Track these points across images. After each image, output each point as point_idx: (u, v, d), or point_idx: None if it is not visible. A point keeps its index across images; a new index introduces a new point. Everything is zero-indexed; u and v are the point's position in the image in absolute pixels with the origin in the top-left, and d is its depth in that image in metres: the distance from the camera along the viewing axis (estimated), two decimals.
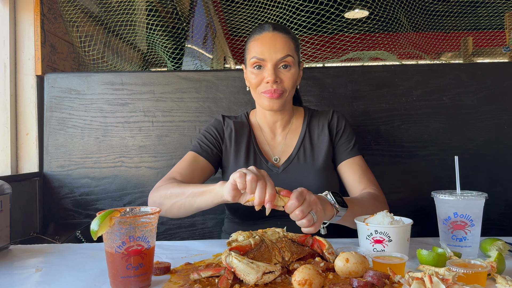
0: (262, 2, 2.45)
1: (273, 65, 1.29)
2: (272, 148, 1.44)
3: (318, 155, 1.39)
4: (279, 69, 1.31)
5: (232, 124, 1.44)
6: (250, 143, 1.43)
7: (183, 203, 1.17)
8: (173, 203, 1.19)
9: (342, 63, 2.72)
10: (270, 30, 1.34)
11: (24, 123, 1.86)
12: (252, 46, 1.35)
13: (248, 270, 0.80)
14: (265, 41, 1.32)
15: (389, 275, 0.80)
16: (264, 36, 1.33)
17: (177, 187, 1.21)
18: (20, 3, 1.85)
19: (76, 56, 2.18)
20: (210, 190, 1.11)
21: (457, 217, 1.02)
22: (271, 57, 1.29)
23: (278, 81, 1.30)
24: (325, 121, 1.44)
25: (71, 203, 1.82)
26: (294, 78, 1.32)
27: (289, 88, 1.32)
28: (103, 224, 0.79)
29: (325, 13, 2.63)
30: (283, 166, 1.39)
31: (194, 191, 1.15)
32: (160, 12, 2.86)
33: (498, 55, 3.63)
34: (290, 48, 1.31)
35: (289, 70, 1.31)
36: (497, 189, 1.74)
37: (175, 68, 2.50)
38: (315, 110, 1.50)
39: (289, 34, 1.35)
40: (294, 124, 1.46)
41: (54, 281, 0.89)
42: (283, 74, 1.31)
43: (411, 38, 3.07)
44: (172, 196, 1.19)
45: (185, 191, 1.18)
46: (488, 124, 1.76)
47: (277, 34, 1.32)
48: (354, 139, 1.42)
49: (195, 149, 1.41)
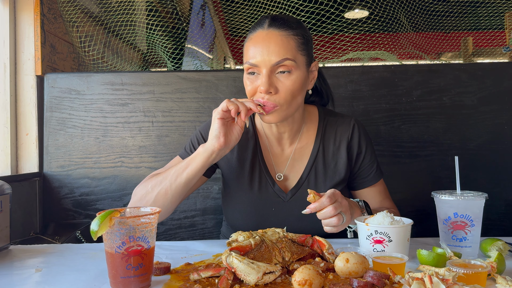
0: (262, 2, 2.45)
1: (268, 72, 1.07)
2: (277, 162, 1.25)
3: (332, 178, 1.23)
4: (276, 75, 1.09)
5: None
6: (255, 157, 1.25)
7: (168, 186, 1.10)
8: (157, 194, 1.10)
9: (342, 63, 2.72)
10: (265, 27, 1.11)
11: (24, 123, 1.86)
12: (246, 48, 1.14)
13: (249, 270, 0.80)
14: (257, 42, 1.10)
15: (389, 275, 0.80)
16: (257, 36, 1.11)
17: (155, 177, 1.14)
18: (20, 3, 1.85)
19: (76, 56, 2.18)
20: (194, 156, 1.09)
21: (457, 217, 1.02)
22: (264, 61, 1.07)
23: (273, 92, 1.08)
24: (344, 138, 1.24)
25: (71, 203, 1.82)
26: (295, 86, 1.09)
27: (287, 100, 1.09)
28: (103, 224, 0.79)
29: (325, 13, 2.63)
30: (291, 192, 1.22)
31: (177, 168, 1.10)
32: (160, 12, 2.86)
33: (498, 55, 3.63)
34: (289, 49, 1.08)
35: (289, 77, 1.09)
36: (497, 189, 1.74)
37: (175, 68, 2.50)
38: (331, 114, 1.29)
39: (289, 30, 1.10)
40: (305, 135, 1.25)
41: (54, 281, 0.89)
42: (281, 82, 1.09)
43: (411, 38, 3.07)
44: (154, 187, 1.11)
45: (166, 175, 1.11)
46: (488, 124, 1.76)
47: (272, 32, 1.09)
48: (376, 160, 1.28)
49: (183, 155, 1.27)
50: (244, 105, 1.07)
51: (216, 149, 1.07)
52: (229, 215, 1.31)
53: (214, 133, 1.07)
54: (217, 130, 1.07)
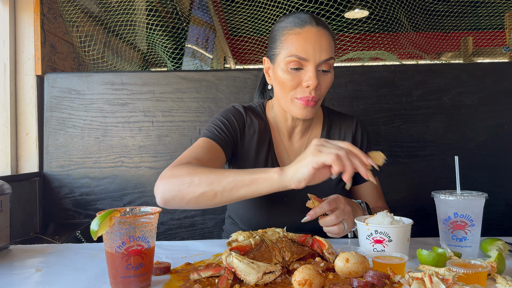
0: (262, 2, 2.45)
1: (315, 67, 1.12)
2: (289, 155, 1.30)
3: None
4: (319, 72, 1.14)
5: (257, 125, 1.27)
6: (269, 150, 1.28)
7: (220, 191, 0.98)
8: (204, 192, 0.99)
9: (342, 63, 2.72)
10: (313, 24, 1.14)
11: (24, 123, 1.86)
12: (290, 40, 1.13)
13: (249, 270, 0.80)
14: (309, 38, 1.12)
15: (389, 275, 0.80)
16: (307, 31, 1.13)
17: (209, 172, 1.01)
18: (20, 3, 1.85)
19: (76, 56, 2.18)
20: (265, 178, 0.96)
21: (457, 217, 1.02)
22: (315, 58, 1.11)
23: (318, 87, 1.13)
24: (348, 132, 1.31)
25: (71, 203, 1.82)
26: (330, 84, 1.17)
27: (324, 95, 1.18)
28: (103, 224, 0.79)
29: (325, 13, 2.63)
30: None
31: (238, 179, 0.98)
32: (160, 12, 2.86)
33: (498, 55, 3.63)
34: (333, 49, 1.15)
35: (328, 74, 1.15)
36: (497, 189, 1.74)
37: (175, 68, 2.50)
38: (334, 113, 1.36)
39: (331, 32, 1.18)
40: (313, 130, 1.32)
41: (54, 281, 0.89)
42: (322, 78, 1.14)
43: (411, 38, 3.07)
44: (202, 183, 0.99)
45: (222, 178, 0.99)
46: (488, 124, 1.76)
47: (321, 31, 1.14)
48: None
49: (211, 136, 1.20)
50: (351, 166, 0.91)
51: (290, 188, 0.96)
52: (240, 205, 1.29)
53: (299, 176, 0.93)
54: (304, 175, 0.93)
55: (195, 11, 3.44)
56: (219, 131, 1.22)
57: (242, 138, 1.27)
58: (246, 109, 1.30)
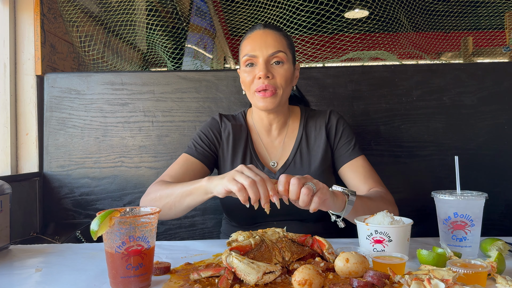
0: (262, 2, 2.45)
1: (265, 61, 1.27)
2: (269, 152, 1.41)
3: (315, 159, 1.36)
4: (272, 65, 1.29)
5: (230, 127, 1.41)
6: (247, 147, 1.40)
7: (172, 203, 1.16)
8: (164, 205, 1.17)
9: (342, 63, 2.73)
10: (261, 28, 1.34)
11: (24, 123, 1.86)
12: (244, 45, 1.34)
13: (249, 270, 0.80)
14: (256, 38, 1.31)
15: (389, 275, 0.80)
16: (255, 34, 1.33)
17: (166, 188, 1.20)
18: (20, 3, 1.85)
19: (76, 56, 2.18)
20: (197, 188, 1.10)
21: (457, 217, 1.02)
22: (262, 52, 1.28)
23: (270, 77, 1.27)
24: (322, 122, 1.40)
25: (71, 203, 1.82)
26: (287, 75, 1.29)
27: (282, 85, 1.29)
28: (103, 224, 0.79)
29: (325, 13, 2.63)
30: (279, 171, 1.36)
31: (182, 191, 1.14)
32: (160, 12, 2.86)
33: (498, 55, 3.63)
34: (281, 44, 1.30)
35: (282, 66, 1.29)
36: (497, 189, 1.74)
37: (175, 68, 2.50)
38: (312, 110, 1.47)
39: (280, 32, 1.34)
40: (291, 126, 1.42)
41: (54, 281, 0.89)
42: (275, 70, 1.28)
43: (411, 38, 3.07)
44: (162, 198, 1.18)
45: (173, 192, 1.16)
46: (488, 124, 1.76)
47: (268, 31, 1.32)
48: (354, 139, 1.39)
49: (189, 151, 1.38)
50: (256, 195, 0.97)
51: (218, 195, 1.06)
52: (227, 201, 1.31)
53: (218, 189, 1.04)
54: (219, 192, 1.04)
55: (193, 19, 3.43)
56: (197, 146, 1.39)
57: (221, 143, 1.41)
58: (222, 116, 1.44)
